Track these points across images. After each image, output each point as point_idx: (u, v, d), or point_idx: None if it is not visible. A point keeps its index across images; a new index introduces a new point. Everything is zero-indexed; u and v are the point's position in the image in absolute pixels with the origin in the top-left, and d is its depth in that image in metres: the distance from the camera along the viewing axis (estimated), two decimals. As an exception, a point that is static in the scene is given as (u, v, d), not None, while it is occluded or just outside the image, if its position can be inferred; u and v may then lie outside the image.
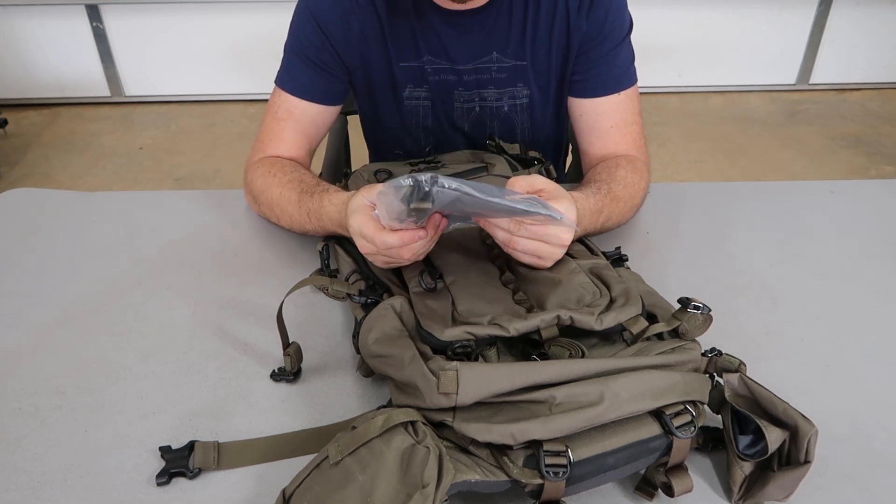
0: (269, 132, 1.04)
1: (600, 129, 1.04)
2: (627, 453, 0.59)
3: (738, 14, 3.17)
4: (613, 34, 1.01)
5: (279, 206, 0.96)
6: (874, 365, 0.79)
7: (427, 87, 1.07)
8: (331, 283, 0.78)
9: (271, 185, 0.97)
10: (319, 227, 0.90)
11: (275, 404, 0.74)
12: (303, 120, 1.04)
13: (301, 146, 1.05)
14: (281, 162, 1.01)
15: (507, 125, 1.12)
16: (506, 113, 1.10)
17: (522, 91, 1.08)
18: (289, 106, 1.04)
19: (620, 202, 0.93)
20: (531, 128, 1.13)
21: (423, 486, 0.53)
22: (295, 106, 1.03)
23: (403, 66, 1.05)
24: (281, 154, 1.03)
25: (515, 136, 1.14)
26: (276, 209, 0.97)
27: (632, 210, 0.97)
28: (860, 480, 0.66)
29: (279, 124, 1.04)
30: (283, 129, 1.04)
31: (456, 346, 0.63)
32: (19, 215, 1.08)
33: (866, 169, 2.80)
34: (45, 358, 0.80)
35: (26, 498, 0.64)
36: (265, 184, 0.98)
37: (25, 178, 2.74)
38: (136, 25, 3.11)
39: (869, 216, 1.07)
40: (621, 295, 0.69)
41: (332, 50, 1.01)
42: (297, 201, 0.93)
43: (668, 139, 2.99)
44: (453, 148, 1.10)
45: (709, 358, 0.67)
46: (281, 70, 1.05)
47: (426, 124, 1.12)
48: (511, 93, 1.08)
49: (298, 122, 1.04)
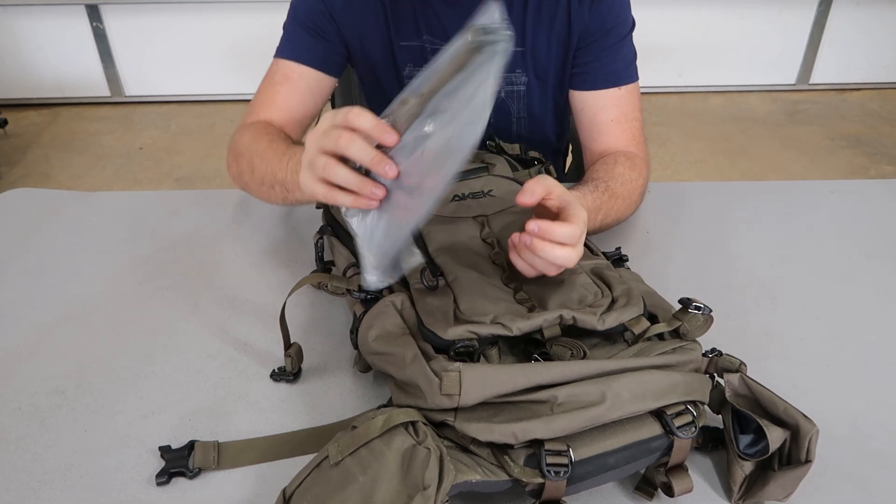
0: (264, 96, 1.03)
1: (600, 123, 1.04)
2: (628, 453, 0.59)
3: (738, 14, 3.17)
4: (616, 29, 1.01)
5: (260, 155, 0.90)
6: (874, 365, 0.79)
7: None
8: (330, 279, 0.78)
9: (259, 140, 0.94)
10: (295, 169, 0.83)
11: (275, 404, 0.74)
12: (300, 84, 1.03)
13: (295, 111, 1.03)
14: (275, 128, 0.98)
15: (503, 112, 1.12)
16: (502, 99, 1.10)
17: (520, 77, 1.08)
18: (286, 71, 1.03)
19: (619, 199, 0.93)
20: (528, 118, 1.13)
21: (424, 488, 0.53)
22: (293, 70, 1.02)
23: (404, 46, 1.05)
24: (273, 118, 1.01)
25: (511, 125, 1.13)
26: (255, 159, 0.91)
27: (630, 207, 0.97)
28: (860, 480, 0.66)
29: (274, 88, 1.02)
30: (278, 93, 1.02)
31: (458, 346, 0.63)
32: (19, 215, 1.08)
33: (866, 169, 2.80)
34: (45, 358, 0.80)
35: (26, 498, 0.64)
36: (253, 139, 0.95)
37: (25, 178, 2.74)
38: (136, 25, 3.11)
39: (869, 216, 1.07)
40: (623, 295, 0.69)
41: (333, 21, 1.02)
42: (283, 150, 0.88)
43: (668, 139, 2.99)
44: None
45: (709, 358, 0.67)
46: (280, 43, 1.04)
47: None
48: (509, 78, 1.08)
49: (295, 86, 1.02)
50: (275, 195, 0.89)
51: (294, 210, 1.07)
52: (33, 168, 2.81)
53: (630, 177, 0.96)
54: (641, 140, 1.05)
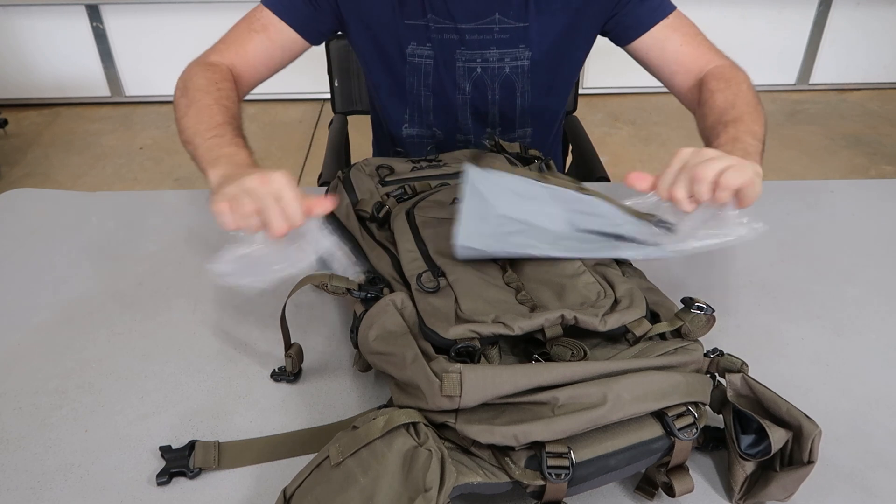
0: (237, 37, 1.03)
1: (672, 55, 1.04)
2: (629, 454, 0.59)
3: (738, 14, 3.17)
4: None
5: (198, 116, 0.90)
6: (874, 365, 0.79)
7: (430, 46, 1.08)
8: (329, 278, 0.78)
9: (209, 92, 0.93)
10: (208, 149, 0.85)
11: (275, 404, 0.74)
12: (275, 39, 1.03)
13: (260, 63, 1.04)
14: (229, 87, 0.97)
15: (508, 87, 1.12)
16: (507, 75, 1.11)
17: (524, 53, 1.08)
18: (266, 21, 1.03)
19: (743, 121, 0.87)
20: (532, 92, 1.14)
21: (425, 490, 0.52)
22: (273, 23, 1.03)
23: (408, 24, 1.06)
24: (236, 64, 1.01)
25: (515, 101, 1.14)
26: (192, 108, 0.91)
27: (756, 109, 0.91)
28: (860, 480, 0.66)
29: (250, 34, 1.03)
30: (251, 41, 1.03)
31: (459, 346, 0.63)
32: (19, 215, 1.08)
33: (866, 169, 2.80)
34: (45, 358, 0.80)
35: (26, 498, 0.64)
36: (205, 89, 0.93)
37: (25, 178, 2.74)
38: (136, 25, 3.10)
39: (869, 216, 1.07)
40: (625, 296, 0.68)
41: None
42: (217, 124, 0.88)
43: (669, 139, 2.99)
44: (453, 109, 1.11)
45: (711, 358, 0.67)
46: None
47: (427, 82, 1.12)
48: (513, 54, 1.08)
49: (269, 41, 1.03)
50: (188, 154, 0.89)
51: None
52: (33, 168, 2.81)
53: (732, 92, 0.93)
54: (715, 48, 1.04)
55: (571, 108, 1.52)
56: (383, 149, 1.28)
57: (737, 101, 0.91)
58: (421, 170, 0.96)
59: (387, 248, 0.81)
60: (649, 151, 2.91)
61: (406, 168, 0.97)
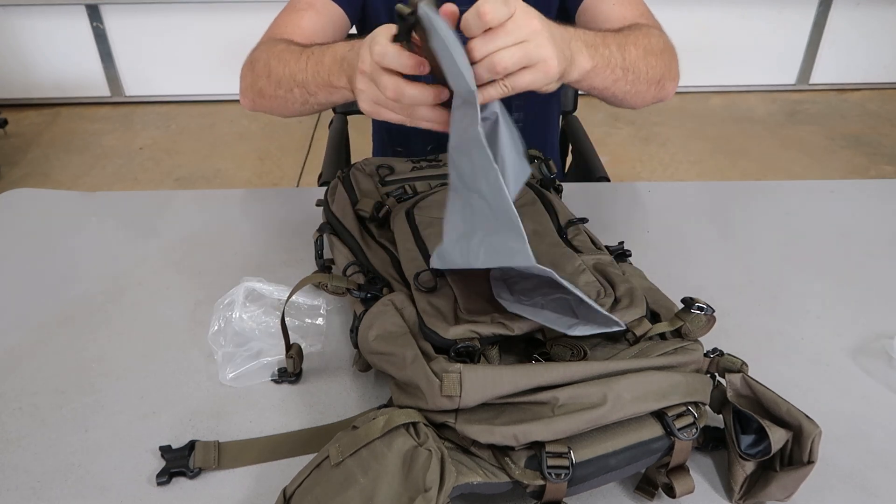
0: (286, 20, 0.99)
1: (604, 14, 1.01)
2: (629, 454, 0.59)
3: (738, 14, 3.17)
4: None
5: (277, 57, 0.87)
6: (874, 365, 0.79)
7: None
8: (329, 278, 0.78)
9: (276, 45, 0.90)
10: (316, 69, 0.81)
11: (275, 404, 0.74)
12: (323, 13, 1.00)
13: (314, 37, 0.97)
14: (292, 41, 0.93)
15: None
16: None
17: None
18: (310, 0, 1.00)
19: (632, 47, 0.81)
20: None
21: (425, 490, 0.53)
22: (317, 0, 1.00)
23: None
24: (294, 38, 0.96)
25: None
26: (273, 62, 0.88)
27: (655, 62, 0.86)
28: (860, 480, 0.66)
29: (299, 13, 0.99)
30: (302, 18, 0.99)
31: (459, 346, 0.63)
32: (19, 215, 1.08)
33: (866, 169, 2.80)
34: (45, 358, 0.80)
35: (26, 498, 0.64)
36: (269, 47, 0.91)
37: (25, 178, 2.74)
38: (136, 25, 3.11)
39: (869, 216, 1.07)
40: (626, 295, 0.68)
41: None
42: (300, 51, 0.85)
43: (668, 139, 2.99)
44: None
45: (711, 358, 0.67)
46: None
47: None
48: None
49: (319, 15, 0.99)
50: (292, 98, 0.87)
51: (294, 209, 1.07)
52: (33, 168, 2.81)
53: (644, 32, 0.87)
54: (649, 14, 1.00)
55: (571, 108, 1.52)
56: (383, 148, 1.28)
57: (641, 38, 0.85)
58: (421, 169, 0.96)
59: (387, 248, 0.81)
60: (649, 151, 2.91)
61: (406, 168, 0.97)
